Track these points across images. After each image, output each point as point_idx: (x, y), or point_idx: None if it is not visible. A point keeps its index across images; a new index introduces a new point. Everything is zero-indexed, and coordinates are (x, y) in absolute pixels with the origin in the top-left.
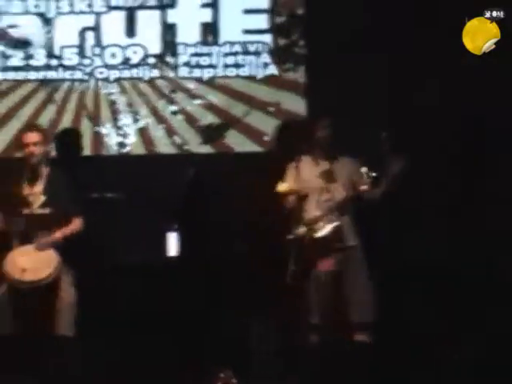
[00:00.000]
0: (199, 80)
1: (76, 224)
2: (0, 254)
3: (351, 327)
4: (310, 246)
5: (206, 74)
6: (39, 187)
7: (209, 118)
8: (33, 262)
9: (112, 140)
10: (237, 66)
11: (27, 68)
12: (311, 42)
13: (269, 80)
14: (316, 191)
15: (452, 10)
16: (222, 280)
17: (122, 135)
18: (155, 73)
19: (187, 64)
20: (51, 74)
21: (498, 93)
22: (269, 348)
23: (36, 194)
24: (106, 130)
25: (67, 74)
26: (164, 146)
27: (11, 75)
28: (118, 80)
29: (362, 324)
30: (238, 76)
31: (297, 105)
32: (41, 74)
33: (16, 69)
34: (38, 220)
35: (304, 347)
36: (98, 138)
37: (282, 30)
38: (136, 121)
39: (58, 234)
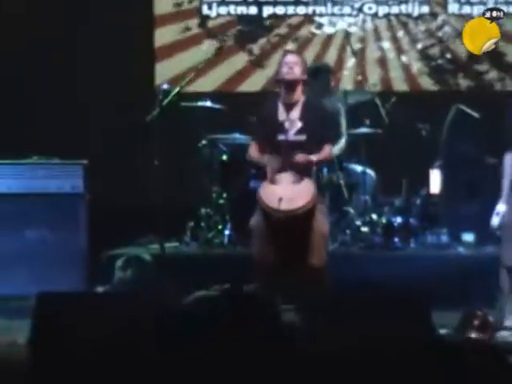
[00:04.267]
0: (469, 17)
1: (328, 152)
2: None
3: None
4: None
5: (476, 10)
6: (296, 113)
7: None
8: (289, 192)
9: (373, 76)
10: (508, 3)
11: (296, 2)
12: None
13: None
14: None
15: None
16: None
17: (384, 70)
18: (424, 9)
19: (457, 0)
20: (320, 9)
21: None
22: None
23: (292, 120)
24: (370, 65)
25: (336, 9)
26: (427, 83)
27: (280, 9)
28: (386, 15)
29: None
30: (509, 14)
31: None
32: (309, 9)
33: (285, 3)
34: (293, 147)
35: None
36: (359, 74)
37: None
38: (399, 56)
39: (314, 157)
